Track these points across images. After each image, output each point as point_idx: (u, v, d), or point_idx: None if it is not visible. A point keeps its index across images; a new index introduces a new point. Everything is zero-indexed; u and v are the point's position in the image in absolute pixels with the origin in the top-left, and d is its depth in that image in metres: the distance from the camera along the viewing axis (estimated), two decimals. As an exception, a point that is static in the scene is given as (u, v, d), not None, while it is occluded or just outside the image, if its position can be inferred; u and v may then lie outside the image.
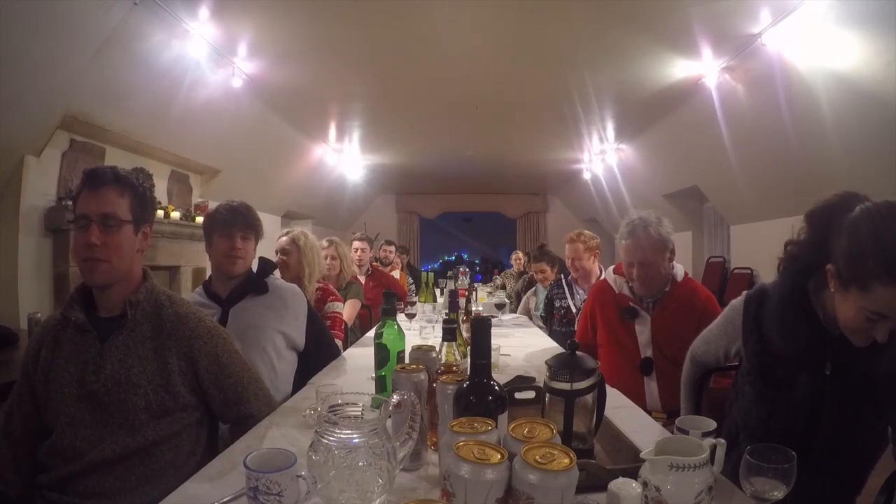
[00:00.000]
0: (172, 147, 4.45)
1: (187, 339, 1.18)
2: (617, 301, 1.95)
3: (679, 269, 1.91)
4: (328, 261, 2.96)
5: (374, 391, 1.23)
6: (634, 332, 1.89)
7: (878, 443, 1.14)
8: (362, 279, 3.56)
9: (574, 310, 2.83)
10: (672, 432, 1.00)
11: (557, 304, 2.97)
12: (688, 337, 1.53)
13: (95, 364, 1.12)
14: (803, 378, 1.11)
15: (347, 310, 2.81)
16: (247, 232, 1.73)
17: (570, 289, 2.93)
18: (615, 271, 2.02)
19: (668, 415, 1.74)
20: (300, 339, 1.78)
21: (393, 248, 5.41)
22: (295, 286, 1.88)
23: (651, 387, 1.83)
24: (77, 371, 1.12)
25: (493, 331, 0.87)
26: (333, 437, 0.73)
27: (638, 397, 1.70)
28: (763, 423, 1.17)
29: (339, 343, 2.29)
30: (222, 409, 1.23)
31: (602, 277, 2.15)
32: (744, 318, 1.25)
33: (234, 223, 1.71)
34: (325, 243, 2.97)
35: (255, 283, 1.73)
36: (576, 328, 2.41)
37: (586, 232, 2.96)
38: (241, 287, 1.72)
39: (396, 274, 4.91)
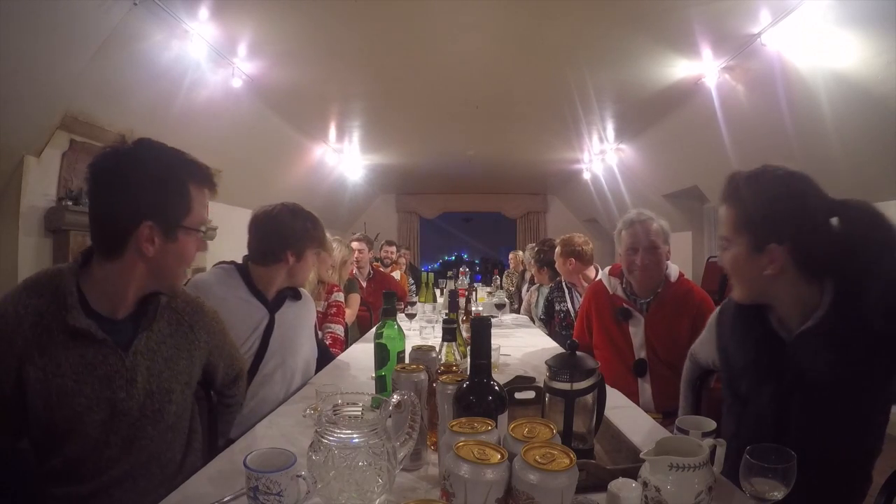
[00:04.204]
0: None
1: (204, 327, 1.17)
2: (612, 302, 1.95)
3: (673, 269, 1.90)
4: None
5: (374, 391, 1.23)
6: (629, 333, 1.88)
7: (869, 447, 1.08)
8: (364, 284, 3.58)
9: (573, 313, 2.83)
10: (671, 432, 1.00)
11: (557, 307, 2.97)
12: (681, 339, 1.52)
13: (123, 378, 0.99)
14: (766, 391, 1.06)
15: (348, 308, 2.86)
16: None
17: (570, 292, 2.92)
18: (611, 273, 2.02)
19: (662, 415, 1.74)
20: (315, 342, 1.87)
21: (394, 248, 5.40)
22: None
23: (644, 388, 1.84)
24: (102, 389, 0.97)
25: (493, 331, 0.87)
26: (333, 436, 0.73)
27: (632, 399, 1.70)
28: (734, 438, 1.06)
29: (340, 329, 2.48)
30: (223, 377, 1.25)
31: (598, 278, 2.15)
32: (717, 329, 1.24)
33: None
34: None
35: (293, 289, 1.72)
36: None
37: (577, 237, 2.89)
38: (281, 291, 1.68)
39: (398, 275, 4.90)
